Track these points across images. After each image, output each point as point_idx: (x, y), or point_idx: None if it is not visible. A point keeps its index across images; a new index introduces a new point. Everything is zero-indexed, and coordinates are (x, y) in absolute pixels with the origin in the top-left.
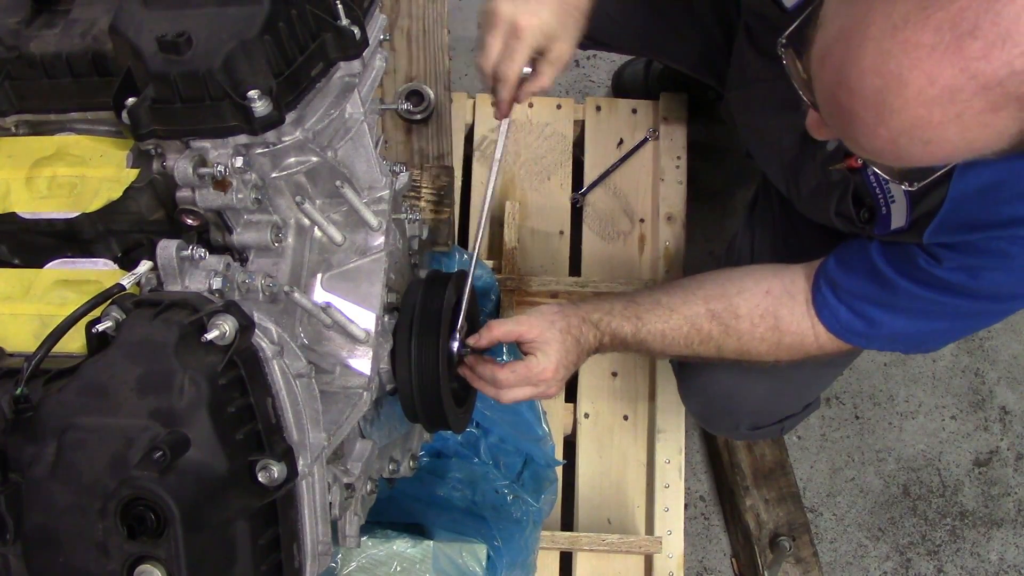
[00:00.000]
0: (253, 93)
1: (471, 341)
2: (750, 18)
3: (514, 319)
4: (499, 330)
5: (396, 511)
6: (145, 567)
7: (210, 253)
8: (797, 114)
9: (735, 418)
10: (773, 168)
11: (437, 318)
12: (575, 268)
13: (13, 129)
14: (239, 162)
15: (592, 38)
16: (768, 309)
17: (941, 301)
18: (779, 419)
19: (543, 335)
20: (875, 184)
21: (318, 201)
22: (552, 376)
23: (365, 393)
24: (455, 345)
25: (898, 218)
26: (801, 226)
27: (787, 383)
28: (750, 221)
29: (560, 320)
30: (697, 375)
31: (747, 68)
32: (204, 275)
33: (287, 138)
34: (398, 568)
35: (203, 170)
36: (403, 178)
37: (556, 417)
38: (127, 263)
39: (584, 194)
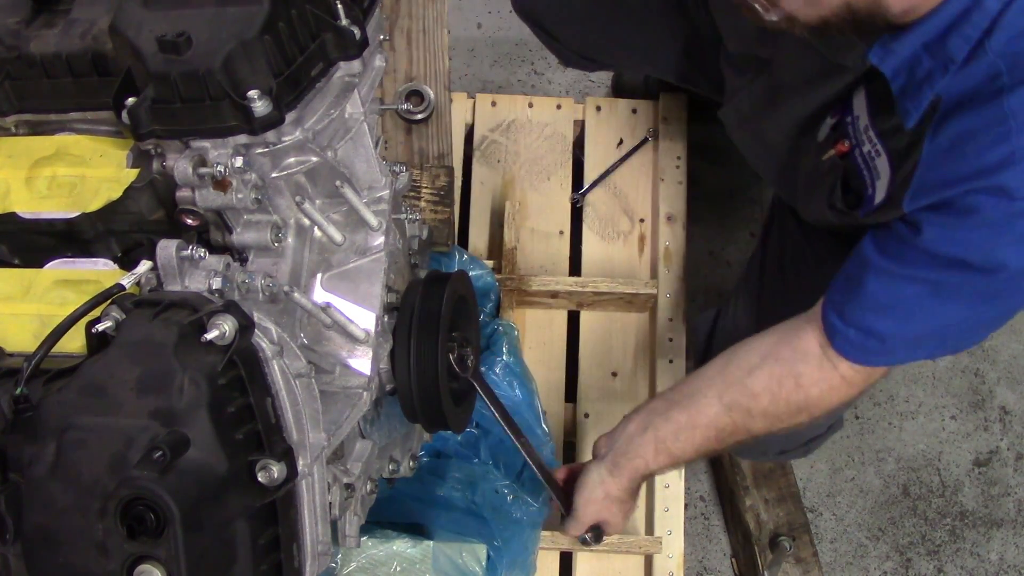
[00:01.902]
0: (253, 93)
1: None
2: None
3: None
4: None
5: (396, 511)
6: (145, 567)
7: (210, 253)
8: (778, 110)
9: (764, 446)
10: (773, 175)
11: (436, 318)
12: (575, 268)
13: (13, 129)
14: (239, 162)
15: (593, 59)
16: (784, 372)
17: (936, 281)
18: (805, 442)
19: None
20: (862, 165)
21: (318, 201)
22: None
23: (365, 393)
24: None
25: (881, 192)
26: (814, 244)
27: None
28: (763, 248)
29: (607, 502)
30: None
31: (726, 83)
32: (204, 275)
33: (287, 138)
34: (398, 568)
35: (203, 170)
36: (403, 178)
37: (556, 417)
38: (127, 263)
39: (584, 194)
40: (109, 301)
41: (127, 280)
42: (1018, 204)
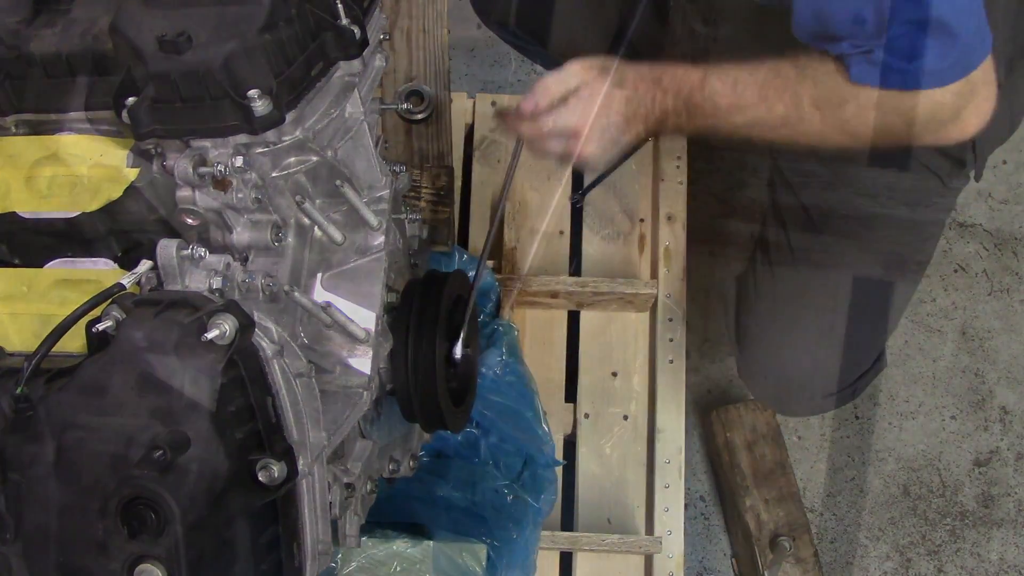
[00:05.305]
0: (253, 92)
1: (526, 106)
2: None
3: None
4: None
5: (396, 511)
6: (145, 566)
7: (210, 253)
8: None
9: (811, 389)
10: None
11: (434, 318)
12: (575, 268)
13: (13, 129)
14: (239, 161)
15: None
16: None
17: None
18: (853, 380)
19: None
20: None
21: (318, 201)
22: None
23: (365, 393)
24: (458, 348)
25: None
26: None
27: (857, 337)
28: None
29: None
30: (769, 355)
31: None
32: (204, 275)
33: (287, 138)
34: (398, 568)
35: (203, 169)
36: (403, 178)
37: (556, 417)
38: (127, 263)
39: (584, 194)
40: (109, 301)
41: (127, 280)
42: None
